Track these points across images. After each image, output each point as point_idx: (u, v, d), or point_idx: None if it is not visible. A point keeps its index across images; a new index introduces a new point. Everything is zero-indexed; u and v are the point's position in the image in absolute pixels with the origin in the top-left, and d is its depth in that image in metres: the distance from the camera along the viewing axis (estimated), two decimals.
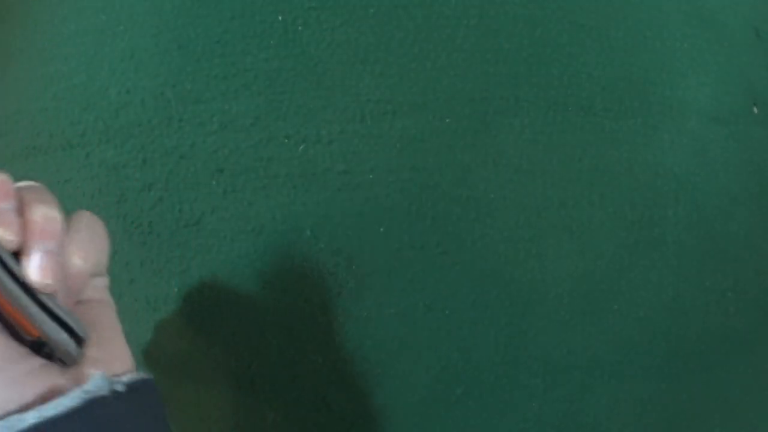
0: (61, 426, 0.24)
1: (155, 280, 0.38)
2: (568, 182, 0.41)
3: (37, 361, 0.25)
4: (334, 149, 0.39)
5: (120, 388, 0.26)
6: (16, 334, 0.25)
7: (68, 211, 0.39)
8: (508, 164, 0.40)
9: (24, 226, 0.26)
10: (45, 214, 0.26)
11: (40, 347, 0.26)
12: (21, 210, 0.26)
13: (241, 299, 0.38)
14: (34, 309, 0.25)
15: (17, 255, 0.26)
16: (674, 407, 0.42)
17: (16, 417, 0.23)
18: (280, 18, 0.40)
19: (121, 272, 0.38)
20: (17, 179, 0.39)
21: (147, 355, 0.38)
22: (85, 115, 0.38)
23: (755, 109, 0.45)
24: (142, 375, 0.28)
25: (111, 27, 0.39)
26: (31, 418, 0.23)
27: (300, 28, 0.40)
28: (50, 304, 0.26)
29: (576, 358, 0.41)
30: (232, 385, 0.38)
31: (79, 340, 0.26)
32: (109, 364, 0.27)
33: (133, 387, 0.26)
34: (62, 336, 0.26)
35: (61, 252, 0.26)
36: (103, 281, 0.30)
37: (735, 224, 0.44)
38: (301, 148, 0.38)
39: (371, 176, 0.39)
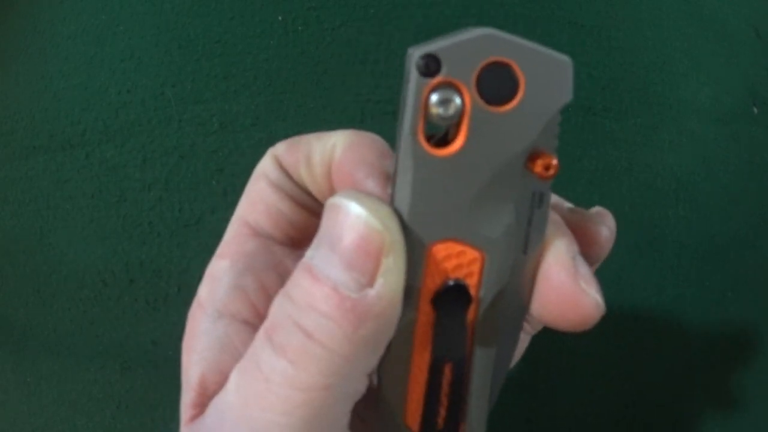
0: None
1: (155, 280, 0.38)
2: (568, 182, 0.41)
3: None
4: None
5: None
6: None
7: (66, 210, 0.39)
8: None
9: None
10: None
11: None
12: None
13: None
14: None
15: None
16: (674, 407, 0.42)
17: None
18: (280, 18, 0.40)
19: (121, 272, 0.38)
20: (17, 179, 0.39)
21: (147, 355, 0.38)
22: (85, 115, 0.38)
23: (755, 109, 0.45)
24: None
25: (111, 27, 0.39)
26: None
27: (300, 28, 0.40)
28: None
29: (576, 358, 0.41)
30: None
31: None
32: None
33: None
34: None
35: None
36: None
37: (735, 224, 0.44)
38: None
39: None
